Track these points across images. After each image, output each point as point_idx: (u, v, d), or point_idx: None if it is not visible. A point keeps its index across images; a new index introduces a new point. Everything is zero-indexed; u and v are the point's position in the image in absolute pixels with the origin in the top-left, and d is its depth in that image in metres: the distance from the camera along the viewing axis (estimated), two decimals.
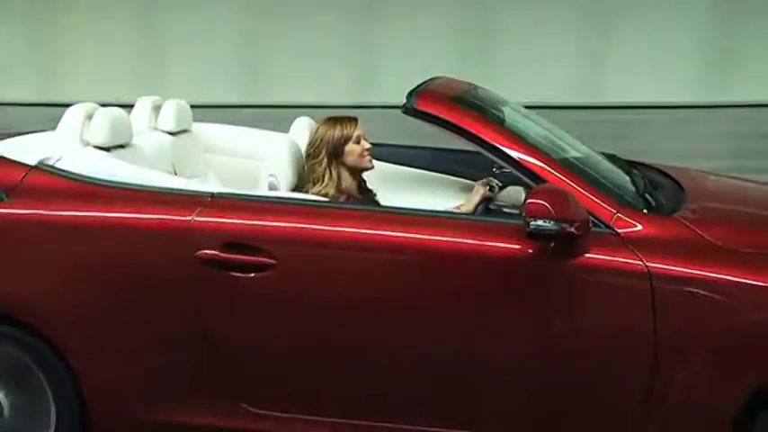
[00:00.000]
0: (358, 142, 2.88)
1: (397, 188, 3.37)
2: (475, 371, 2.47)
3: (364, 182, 3.07)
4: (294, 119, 3.35)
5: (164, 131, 3.47)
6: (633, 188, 2.80)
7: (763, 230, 2.61)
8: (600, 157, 3.14)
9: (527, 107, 3.28)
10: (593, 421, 2.46)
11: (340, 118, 2.93)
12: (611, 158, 3.19)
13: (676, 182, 3.01)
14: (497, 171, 3.38)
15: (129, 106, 3.42)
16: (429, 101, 2.65)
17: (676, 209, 2.65)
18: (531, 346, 2.43)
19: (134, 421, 2.64)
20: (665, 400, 2.37)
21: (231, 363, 2.57)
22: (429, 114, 2.60)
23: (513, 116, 3.05)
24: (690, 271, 2.34)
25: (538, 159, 2.53)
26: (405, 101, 2.65)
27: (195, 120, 3.65)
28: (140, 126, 3.44)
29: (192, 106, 3.58)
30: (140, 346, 2.60)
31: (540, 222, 2.28)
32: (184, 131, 3.55)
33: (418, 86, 2.80)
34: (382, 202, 3.07)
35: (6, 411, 2.68)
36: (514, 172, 2.56)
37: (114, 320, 2.59)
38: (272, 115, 3.37)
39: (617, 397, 2.42)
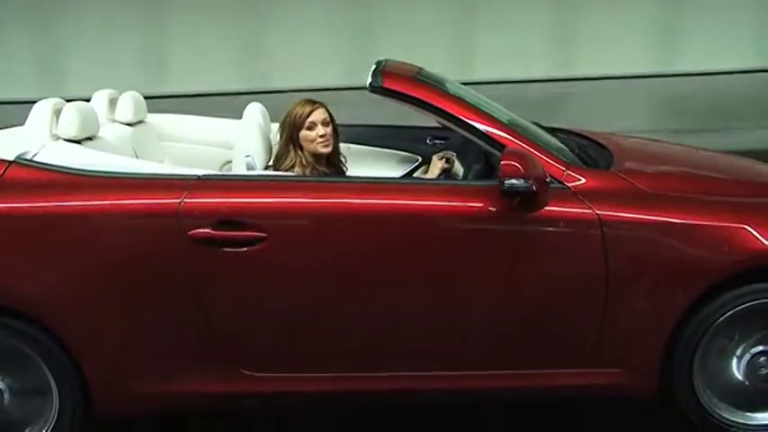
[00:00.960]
0: (311, 129, 2.98)
1: (359, 164, 3.55)
2: (455, 318, 2.71)
3: (341, 158, 3.19)
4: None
5: (122, 123, 3.51)
6: (567, 149, 3.11)
7: (684, 179, 2.99)
8: (533, 126, 3.44)
9: None
10: (558, 347, 2.75)
11: (305, 101, 3.06)
12: (540, 126, 3.50)
13: (598, 143, 3.35)
14: (430, 143, 3.65)
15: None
16: (394, 79, 2.84)
17: (609, 165, 2.97)
18: (504, 290, 2.69)
19: (137, 395, 2.72)
20: (615, 325, 2.69)
21: (228, 333, 2.69)
22: (396, 92, 2.79)
23: (458, 91, 3.29)
24: (631, 215, 2.66)
25: (498, 128, 2.78)
26: (369, 80, 2.82)
27: None
28: (100, 118, 3.46)
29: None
30: (139, 325, 2.67)
31: (513, 181, 2.53)
32: (140, 122, 3.59)
33: (377, 66, 2.98)
34: None
35: (8, 397, 2.71)
36: (475, 140, 2.79)
37: (111, 303, 2.64)
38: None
39: (577, 325, 2.72)
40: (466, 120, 2.78)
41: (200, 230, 2.59)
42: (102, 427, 2.86)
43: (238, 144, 3.08)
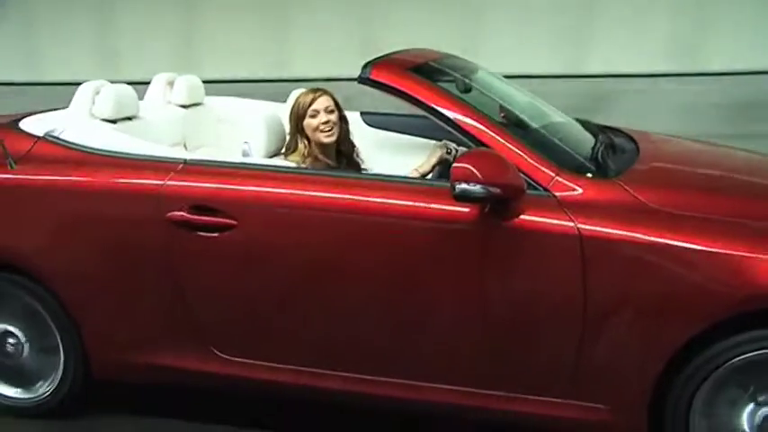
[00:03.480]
0: (314, 116, 2.80)
1: (390, 153, 3.32)
2: (413, 324, 2.43)
3: (352, 150, 3.01)
4: None
5: (177, 105, 3.54)
6: (590, 152, 2.65)
7: (700, 192, 2.42)
8: (572, 124, 2.99)
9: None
10: (529, 373, 2.37)
11: (308, 90, 2.89)
12: (585, 124, 3.03)
13: (636, 145, 2.82)
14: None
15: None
16: (382, 70, 2.57)
17: (621, 171, 2.48)
18: (467, 301, 2.35)
19: (126, 364, 2.74)
20: (594, 355, 2.26)
21: (201, 314, 2.62)
22: (380, 83, 2.54)
23: (484, 84, 2.93)
24: (618, 232, 2.20)
25: (480, 123, 2.43)
26: (360, 71, 2.59)
27: None
28: (155, 100, 3.53)
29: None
30: (125, 297, 2.69)
31: (465, 186, 2.20)
32: (196, 105, 3.60)
33: (383, 56, 2.73)
34: (376, 168, 3.01)
35: (27, 350, 2.85)
36: (460, 137, 2.46)
37: (102, 274, 2.68)
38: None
39: (550, 350, 2.32)
40: (447, 114, 2.45)
41: (177, 213, 2.53)
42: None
43: (243, 129, 2.97)
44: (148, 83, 3.56)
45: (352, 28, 10.78)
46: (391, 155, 3.32)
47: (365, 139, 3.26)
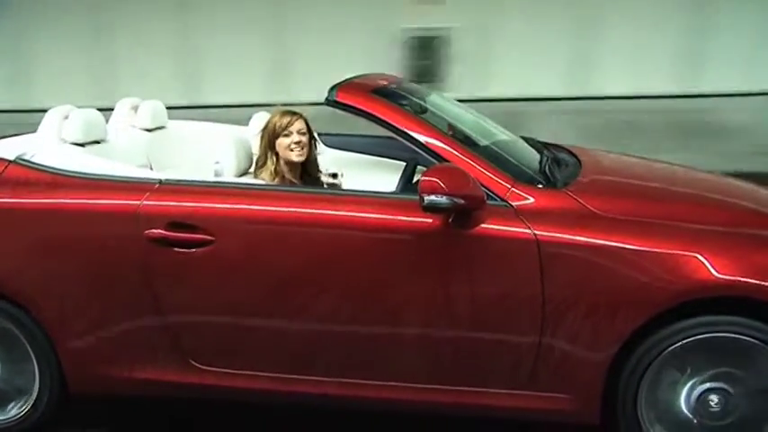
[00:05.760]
0: (287, 136, 2.85)
1: (351, 173, 3.39)
2: (387, 329, 2.50)
3: (317, 171, 3.05)
4: None
5: (141, 128, 3.53)
6: (538, 166, 2.80)
7: (637, 200, 2.60)
8: (518, 141, 3.15)
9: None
10: (492, 371, 2.47)
11: (283, 111, 2.94)
12: (530, 141, 3.19)
13: (578, 159, 2.99)
14: None
15: None
16: (347, 93, 2.66)
17: (569, 183, 2.64)
18: (439, 306, 2.44)
19: (103, 379, 2.70)
20: (552, 348, 2.39)
21: (179, 327, 2.62)
22: (346, 105, 2.62)
23: (437, 106, 3.06)
24: (570, 237, 2.34)
25: (440, 141, 2.54)
26: (326, 94, 2.66)
27: None
28: (119, 124, 3.51)
29: None
30: (102, 314, 2.65)
31: (433, 197, 2.30)
32: (160, 128, 3.60)
33: (344, 80, 2.82)
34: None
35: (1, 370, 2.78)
36: (421, 153, 2.56)
37: (79, 292, 2.64)
38: None
39: (512, 346, 2.43)
40: (410, 133, 2.55)
41: (155, 231, 2.54)
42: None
43: (213, 150, 3.00)
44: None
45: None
46: (350, 174, 3.39)
47: (323, 158, 3.33)
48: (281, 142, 2.85)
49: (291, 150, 2.85)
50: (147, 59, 10.77)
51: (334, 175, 3.04)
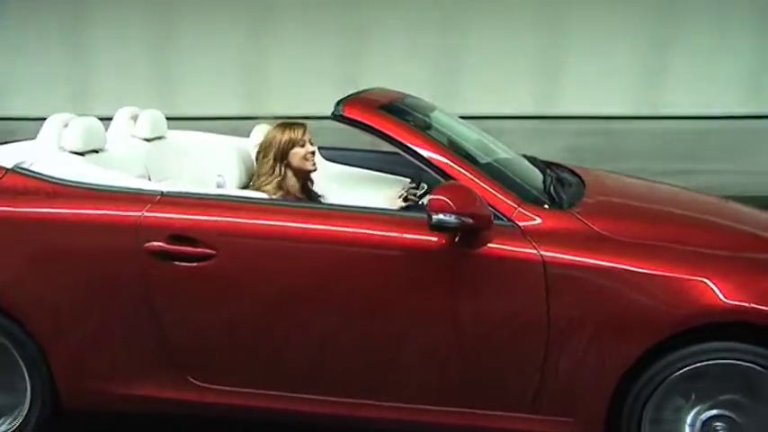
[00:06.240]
0: (303, 146, 2.87)
1: (346, 187, 3.36)
2: (390, 348, 2.45)
3: (311, 183, 3.04)
4: None
5: (140, 138, 3.47)
6: (542, 186, 2.77)
7: (644, 222, 2.57)
8: (520, 159, 3.12)
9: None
10: (497, 392, 2.43)
11: (290, 123, 2.92)
12: (531, 160, 3.16)
13: (581, 179, 2.97)
14: None
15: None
16: (355, 108, 2.62)
17: (574, 203, 2.61)
18: (440, 325, 2.40)
19: (98, 395, 2.63)
20: (557, 371, 2.35)
21: (178, 343, 2.56)
22: (353, 120, 2.58)
23: (441, 122, 3.03)
24: (577, 258, 2.31)
25: (448, 159, 2.51)
26: (333, 109, 2.63)
27: None
28: (119, 133, 3.44)
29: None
30: (99, 328, 2.59)
31: (441, 216, 2.26)
32: (159, 138, 3.54)
33: (350, 95, 2.78)
34: (334, 201, 3.04)
35: None
36: (428, 170, 2.53)
37: (75, 305, 2.58)
38: None
39: (516, 368, 2.39)
40: (418, 150, 2.52)
41: (155, 244, 2.48)
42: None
43: (215, 162, 2.95)
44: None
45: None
46: (348, 188, 3.36)
47: (322, 172, 3.29)
48: (297, 153, 2.85)
49: (307, 160, 2.86)
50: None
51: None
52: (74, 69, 10.25)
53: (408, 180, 3.33)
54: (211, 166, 3.62)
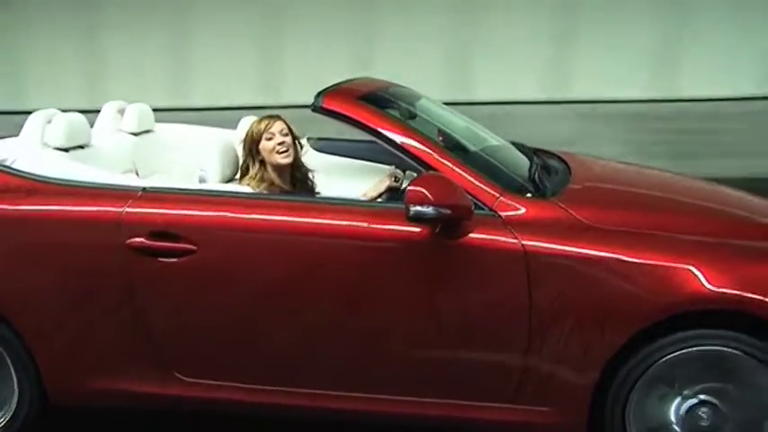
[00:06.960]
0: (270, 139, 2.78)
1: (336, 177, 3.32)
2: (371, 340, 2.42)
3: (302, 175, 2.98)
4: None
5: (127, 132, 3.44)
6: (527, 174, 2.72)
7: (627, 210, 2.52)
8: (508, 147, 3.07)
9: None
10: (481, 382, 2.40)
11: (264, 116, 2.87)
12: (519, 147, 3.11)
13: (567, 166, 2.92)
14: None
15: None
16: (334, 99, 2.58)
17: (557, 191, 2.57)
18: (425, 318, 2.37)
19: (84, 391, 2.62)
20: (540, 361, 2.32)
21: (162, 338, 2.54)
22: (332, 111, 2.54)
23: (427, 111, 2.98)
24: (558, 247, 2.27)
25: (428, 148, 2.46)
26: (312, 101, 2.58)
27: None
28: (105, 128, 3.42)
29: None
30: (83, 325, 2.57)
31: (419, 208, 2.22)
32: (147, 132, 3.51)
33: (330, 86, 2.73)
34: (325, 192, 3.00)
35: None
36: (409, 161, 2.49)
37: (59, 302, 2.56)
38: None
39: (498, 361, 2.36)
40: (397, 140, 2.48)
41: (137, 240, 2.46)
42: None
43: (198, 156, 2.92)
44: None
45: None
46: (339, 179, 3.32)
47: (312, 163, 3.25)
48: (265, 146, 2.78)
49: (278, 153, 2.78)
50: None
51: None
52: (89, 64, 10.31)
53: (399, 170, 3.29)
54: (196, 159, 3.60)
